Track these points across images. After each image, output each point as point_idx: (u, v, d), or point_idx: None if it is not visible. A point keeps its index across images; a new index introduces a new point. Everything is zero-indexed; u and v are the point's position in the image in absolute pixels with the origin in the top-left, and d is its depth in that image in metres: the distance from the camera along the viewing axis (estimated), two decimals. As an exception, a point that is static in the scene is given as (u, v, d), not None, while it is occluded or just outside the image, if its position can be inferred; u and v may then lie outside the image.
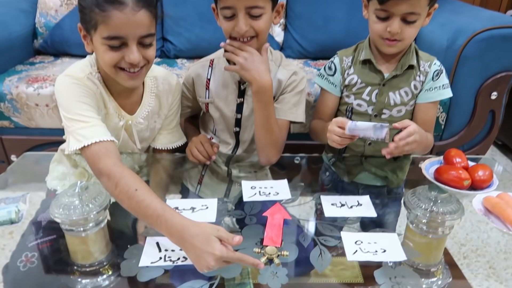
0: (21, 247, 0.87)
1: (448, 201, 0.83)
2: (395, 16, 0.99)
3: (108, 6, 0.84)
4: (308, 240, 0.85)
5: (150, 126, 1.10)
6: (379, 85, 1.11)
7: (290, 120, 1.14)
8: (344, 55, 1.18)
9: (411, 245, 0.82)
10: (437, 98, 1.12)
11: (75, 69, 0.97)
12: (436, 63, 1.12)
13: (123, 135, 1.05)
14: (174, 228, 0.75)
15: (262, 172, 1.21)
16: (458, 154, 0.97)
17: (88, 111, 0.91)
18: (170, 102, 1.12)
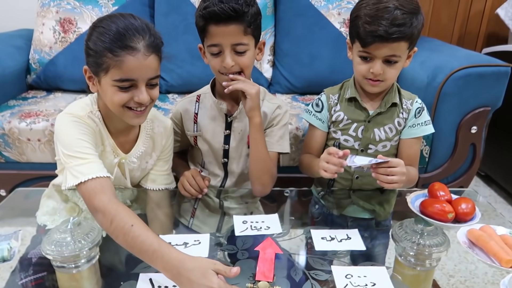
0: (11, 284, 0.86)
1: (434, 233, 0.85)
2: (377, 58, 1.06)
3: (121, 52, 0.89)
4: (299, 275, 0.86)
5: (141, 166, 1.12)
6: (365, 121, 1.16)
7: (278, 151, 1.18)
8: (331, 93, 1.23)
9: (400, 278, 0.84)
10: (420, 134, 1.17)
11: (76, 107, 1.00)
12: (418, 101, 1.18)
13: (115, 172, 1.07)
14: (170, 262, 0.75)
15: (253, 203, 1.24)
16: (442, 188, 1.01)
17: (86, 148, 0.94)
18: (163, 144, 1.15)
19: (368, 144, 1.18)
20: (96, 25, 0.93)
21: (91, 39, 0.92)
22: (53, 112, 1.66)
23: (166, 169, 1.19)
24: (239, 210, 1.19)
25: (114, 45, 0.89)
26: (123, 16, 0.93)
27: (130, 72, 0.91)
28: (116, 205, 0.86)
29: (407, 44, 1.05)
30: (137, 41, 0.90)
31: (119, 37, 0.89)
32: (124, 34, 0.90)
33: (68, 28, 1.95)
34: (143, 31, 0.92)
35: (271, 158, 1.15)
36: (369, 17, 1.02)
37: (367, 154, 1.18)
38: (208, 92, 1.20)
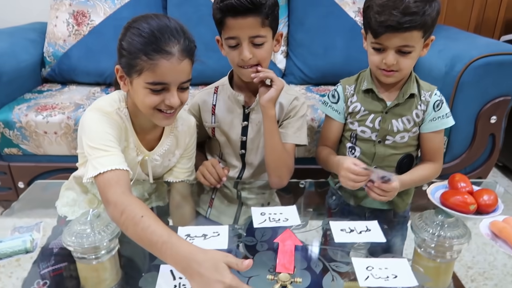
0: (33, 275, 0.88)
1: (455, 225, 0.84)
2: (390, 49, 1.03)
3: (156, 55, 0.88)
4: (319, 266, 0.86)
5: (164, 164, 1.13)
6: (382, 112, 1.15)
7: (296, 143, 1.18)
8: (347, 84, 1.21)
9: (422, 270, 0.83)
10: (440, 127, 1.15)
11: (104, 103, 1.00)
12: (437, 94, 1.16)
13: (138, 169, 1.07)
14: (180, 254, 0.72)
15: (270, 195, 1.24)
16: (463, 179, 0.99)
17: (110, 142, 0.94)
18: (187, 142, 1.15)
19: (386, 135, 1.16)
20: (131, 25, 0.92)
21: (125, 39, 0.91)
22: (68, 105, 1.67)
23: (189, 167, 1.19)
24: (256, 200, 1.20)
25: (149, 48, 0.88)
26: (157, 17, 0.92)
27: (164, 76, 0.90)
28: (128, 197, 0.86)
29: (421, 33, 1.02)
30: (172, 45, 0.89)
31: (154, 40, 0.88)
32: (160, 37, 0.88)
33: (81, 21, 1.96)
34: (178, 35, 0.91)
35: (287, 150, 1.15)
36: (380, 7, 1.00)
37: (384, 146, 1.17)
38: (226, 84, 1.19)
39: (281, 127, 1.19)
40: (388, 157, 1.18)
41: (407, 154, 1.20)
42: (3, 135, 1.62)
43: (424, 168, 1.18)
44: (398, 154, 1.18)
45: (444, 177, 1.11)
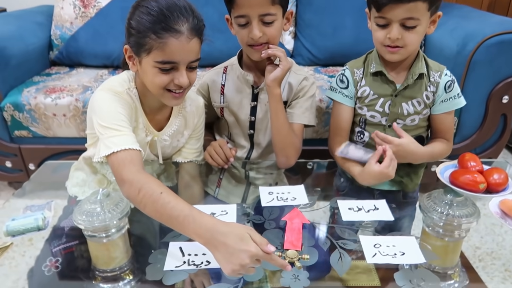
0: (45, 253, 0.90)
1: (464, 204, 0.84)
2: (394, 22, 1.00)
3: (165, 34, 0.88)
4: (327, 244, 0.86)
5: (173, 144, 1.13)
6: (392, 96, 1.12)
7: (304, 123, 1.17)
8: (355, 67, 1.18)
9: (429, 248, 0.83)
10: (452, 108, 1.13)
11: (114, 82, 1.00)
12: (447, 74, 1.13)
13: (147, 150, 1.08)
14: (203, 227, 0.73)
15: (278, 175, 1.24)
16: (473, 158, 0.98)
17: (122, 122, 0.94)
18: (195, 123, 1.15)
19: (396, 119, 1.14)
20: (139, 4, 0.91)
21: (133, 18, 0.91)
22: (76, 88, 1.68)
23: (198, 147, 1.19)
24: (264, 180, 1.20)
25: (158, 26, 0.87)
26: None
27: (173, 55, 0.90)
28: (144, 175, 0.87)
29: (426, 5, 0.98)
30: (181, 23, 0.89)
31: (163, 18, 0.88)
32: (169, 16, 0.88)
33: (88, 3, 1.95)
34: (187, 13, 0.90)
35: (295, 130, 1.15)
36: None
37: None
38: (235, 63, 1.18)
39: (289, 107, 1.18)
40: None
41: (417, 136, 1.18)
42: (13, 118, 1.64)
43: (435, 145, 1.15)
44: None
45: (454, 158, 1.10)
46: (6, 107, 1.62)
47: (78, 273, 0.87)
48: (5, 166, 1.76)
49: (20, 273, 0.90)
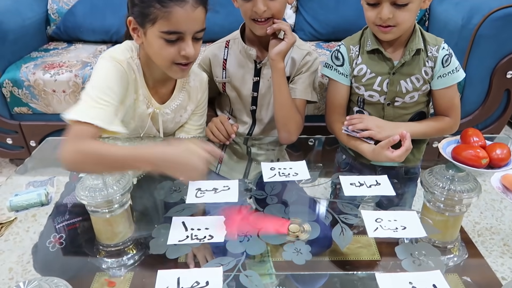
0: (49, 229, 0.91)
1: (465, 179, 0.84)
2: (384, 1, 0.97)
3: (170, 3, 0.86)
4: (329, 218, 0.87)
5: (176, 119, 1.12)
6: (389, 74, 1.10)
7: (307, 99, 1.16)
8: (351, 44, 1.14)
9: (431, 222, 0.84)
10: (451, 82, 1.10)
11: (117, 50, 0.99)
12: (444, 47, 1.09)
13: (148, 122, 1.07)
14: (154, 156, 0.81)
15: (280, 151, 1.24)
16: (476, 133, 0.97)
17: (108, 96, 0.90)
18: (198, 98, 1.14)
19: (395, 97, 1.12)
20: None
21: None
22: (75, 63, 1.66)
23: (201, 124, 1.19)
24: (266, 157, 1.20)
25: None
26: None
27: (178, 24, 0.88)
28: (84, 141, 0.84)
29: None
30: None
31: None
32: None
33: (84, -25, 1.90)
34: None
35: (297, 105, 1.13)
36: None
37: (393, 107, 1.13)
38: (238, 37, 1.16)
39: (292, 82, 1.16)
40: (398, 118, 1.14)
41: (418, 112, 1.16)
42: (12, 94, 1.63)
43: (437, 119, 1.14)
44: (408, 114, 1.15)
45: (456, 134, 1.09)
46: (4, 83, 1.61)
47: (82, 249, 0.89)
48: (6, 143, 1.76)
49: (24, 248, 0.92)
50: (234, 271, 0.72)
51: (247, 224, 0.83)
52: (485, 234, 1.29)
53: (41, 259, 0.88)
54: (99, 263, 0.84)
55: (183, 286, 0.67)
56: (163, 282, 0.68)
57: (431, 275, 0.70)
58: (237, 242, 0.78)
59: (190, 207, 0.89)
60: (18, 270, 1.25)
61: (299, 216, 0.86)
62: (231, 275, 0.71)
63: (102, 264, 0.83)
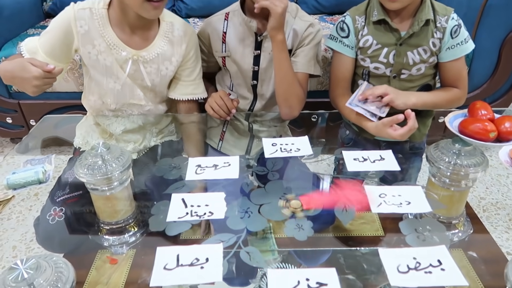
0: (50, 202, 0.92)
1: (472, 154, 0.81)
2: None
3: None
4: (332, 194, 0.86)
5: (161, 72, 1.08)
6: (396, 45, 1.06)
7: (309, 73, 1.12)
8: (357, 14, 1.10)
9: (436, 197, 0.82)
10: (460, 54, 1.06)
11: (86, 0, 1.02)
12: (454, 18, 1.05)
13: (129, 68, 1.04)
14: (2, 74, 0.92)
15: (282, 127, 1.21)
16: (484, 106, 0.95)
17: (49, 45, 1.00)
18: (184, 49, 1.09)
19: (401, 69, 1.08)
20: None
21: None
22: (73, 40, 1.62)
23: (194, 78, 1.14)
24: (268, 133, 1.18)
25: None
26: None
27: None
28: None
29: None
30: None
31: None
32: None
33: None
34: None
35: (300, 79, 1.10)
36: None
37: (399, 80, 1.10)
38: (238, 9, 1.11)
39: (294, 55, 1.12)
40: (403, 91, 1.12)
41: (424, 85, 1.13)
42: (10, 72, 1.60)
43: (447, 90, 1.10)
44: (414, 86, 1.11)
45: (463, 108, 1.06)
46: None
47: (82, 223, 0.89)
48: (5, 122, 1.75)
49: (27, 227, 0.92)
50: (234, 247, 0.71)
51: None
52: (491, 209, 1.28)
53: (42, 232, 0.90)
54: (100, 240, 0.83)
55: (183, 263, 0.66)
56: (162, 259, 0.67)
57: (436, 250, 0.68)
58: (237, 218, 0.77)
59: (189, 184, 0.87)
60: (21, 248, 1.26)
61: (301, 192, 0.85)
62: (232, 252, 0.70)
63: (104, 241, 0.83)
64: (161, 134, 1.17)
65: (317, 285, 0.61)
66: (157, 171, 0.97)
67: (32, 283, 0.54)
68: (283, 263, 0.74)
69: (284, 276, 0.64)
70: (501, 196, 1.33)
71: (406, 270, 0.64)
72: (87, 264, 0.79)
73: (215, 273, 0.64)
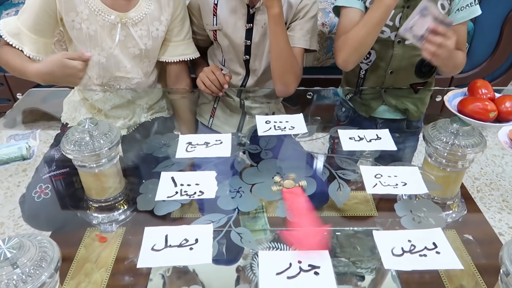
0: (36, 179, 0.89)
1: (470, 134, 0.80)
2: None
3: None
4: (326, 174, 0.84)
5: (152, 34, 1.04)
6: (403, 7, 1.02)
7: (305, 47, 1.08)
8: None
9: (433, 178, 0.81)
10: (468, 17, 1.02)
11: None
12: None
13: (119, 34, 1.00)
14: (36, 76, 0.94)
15: (275, 104, 1.18)
16: (484, 85, 0.92)
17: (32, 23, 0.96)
18: (171, 7, 1.05)
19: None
20: None
21: None
22: (59, 10, 1.56)
23: (183, 37, 1.10)
24: (261, 110, 1.15)
25: None
26: None
27: None
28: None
29: None
30: None
31: None
32: None
33: None
34: None
35: (295, 54, 1.06)
36: None
37: (403, 46, 1.05)
38: None
39: (289, 29, 1.08)
40: (406, 59, 1.07)
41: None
42: (-6, 43, 1.54)
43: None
44: (418, 55, 1.07)
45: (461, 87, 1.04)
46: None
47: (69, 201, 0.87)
48: (-9, 96, 1.69)
49: (15, 203, 0.90)
50: (225, 228, 0.69)
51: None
52: (484, 190, 1.28)
53: (28, 210, 0.87)
54: (89, 218, 0.81)
55: (171, 244, 0.64)
56: (150, 239, 0.65)
57: (431, 233, 0.67)
58: (229, 198, 0.75)
59: (179, 162, 0.85)
60: (9, 224, 1.24)
61: (295, 171, 0.82)
62: (222, 232, 0.69)
63: (93, 219, 0.81)
64: (152, 110, 1.14)
65: (310, 267, 0.60)
66: (146, 148, 0.94)
67: (15, 263, 0.52)
68: (275, 242, 0.72)
69: (276, 258, 0.62)
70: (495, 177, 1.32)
71: (401, 253, 0.63)
72: (75, 242, 0.77)
73: (205, 255, 0.62)
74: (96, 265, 0.72)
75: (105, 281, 0.68)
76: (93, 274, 0.70)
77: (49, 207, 0.86)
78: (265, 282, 0.58)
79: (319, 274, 0.59)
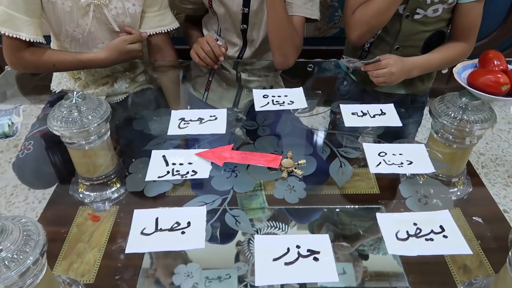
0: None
1: (480, 108, 0.75)
2: None
3: None
4: (326, 152, 0.80)
5: (129, 10, 0.99)
6: None
7: (305, 16, 1.03)
8: None
9: (440, 157, 0.77)
10: None
11: None
12: None
13: (91, 16, 0.96)
14: (97, 64, 0.99)
15: (274, 77, 1.13)
16: (497, 56, 0.86)
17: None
18: None
19: (416, 8, 0.98)
20: None
21: None
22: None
23: (158, 9, 1.05)
24: (258, 83, 1.11)
25: None
26: None
27: None
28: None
29: None
30: None
31: None
32: None
33: None
34: None
35: (295, 24, 1.00)
36: None
37: (412, 21, 1.00)
38: None
39: (288, -4, 1.02)
40: (414, 35, 1.01)
41: (437, 31, 1.03)
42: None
43: (452, 47, 1.02)
44: (427, 31, 1.01)
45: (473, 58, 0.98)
46: None
47: (51, 155, 0.87)
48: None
49: (7, 180, 0.89)
50: (219, 210, 0.66)
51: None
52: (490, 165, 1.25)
53: (17, 168, 0.88)
54: (81, 197, 0.78)
55: (162, 227, 0.61)
56: (139, 223, 0.62)
57: (438, 215, 0.64)
58: (223, 178, 0.72)
59: (172, 139, 0.81)
60: (1, 202, 1.22)
61: (294, 149, 0.79)
62: (216, 215, 0.65)
63: (85, 198, 0.78)
64: (136, 83, 1.10)
65: (309, 253, 0.57)
66: (136, 124, 0.90)
67: (-4, 247, 0.49)
68: (273, 221, 0.69)
69: (272, 243, 0.59)
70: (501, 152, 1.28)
71: (406, 237, 0.60)
72: (67, 221, 0.74)
73: (198, 239, 0.59)
74: (89, 245, 0.70)
75: (98, 261, 0.66)
76: (86, 254, 0.67)
77: (32, 161, 0.87)
78: (261, 268, 0.55)
79: (318, 260, 0.56)
